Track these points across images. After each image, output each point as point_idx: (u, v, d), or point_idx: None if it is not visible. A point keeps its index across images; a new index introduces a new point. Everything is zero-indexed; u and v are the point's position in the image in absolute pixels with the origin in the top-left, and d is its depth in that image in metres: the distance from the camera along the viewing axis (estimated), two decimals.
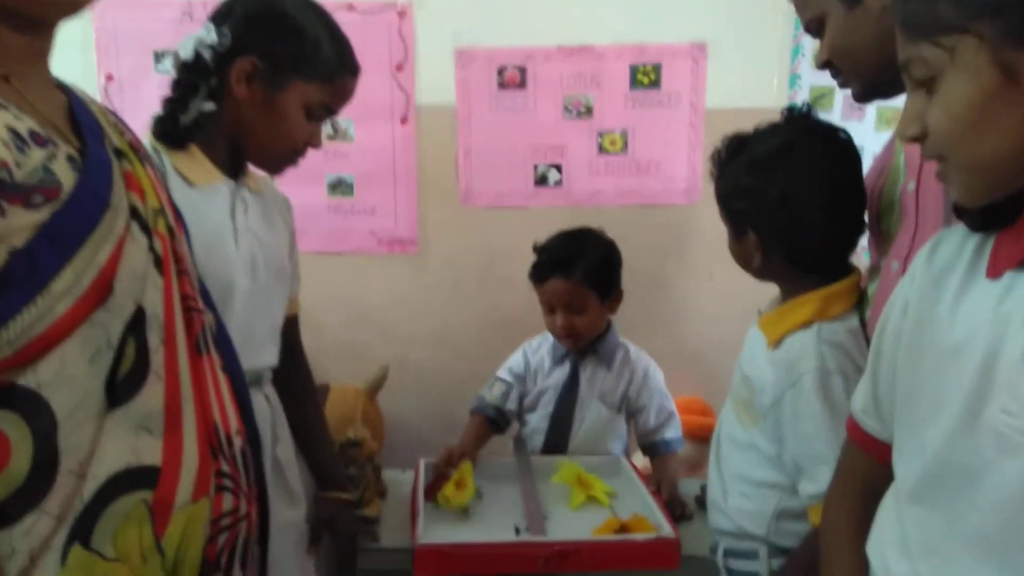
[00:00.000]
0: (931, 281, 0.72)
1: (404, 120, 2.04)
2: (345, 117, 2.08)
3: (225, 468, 0.70)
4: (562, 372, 1.66)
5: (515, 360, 1.73)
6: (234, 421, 0.75)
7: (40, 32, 0.66)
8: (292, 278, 1.27)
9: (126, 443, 0.63)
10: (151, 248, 0.69)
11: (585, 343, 1.63)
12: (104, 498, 0.61)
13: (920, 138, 0.67)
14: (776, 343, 1.05)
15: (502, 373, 1.73)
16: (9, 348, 0.57)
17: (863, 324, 1.06)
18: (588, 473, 1.52)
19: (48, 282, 0.59)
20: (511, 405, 1.68)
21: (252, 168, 1.18)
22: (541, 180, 2.08)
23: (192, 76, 1.06)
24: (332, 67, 1.10)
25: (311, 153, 1.16)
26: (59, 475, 0.59)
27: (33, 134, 0.61)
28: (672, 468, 1.64)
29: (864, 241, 1.15)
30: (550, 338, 1.70)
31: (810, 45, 1.98)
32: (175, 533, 0.64)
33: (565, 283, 1.56)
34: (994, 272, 0.65)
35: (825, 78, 1.09)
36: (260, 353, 1.15)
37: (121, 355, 0.63)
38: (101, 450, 0.61)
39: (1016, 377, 0.60)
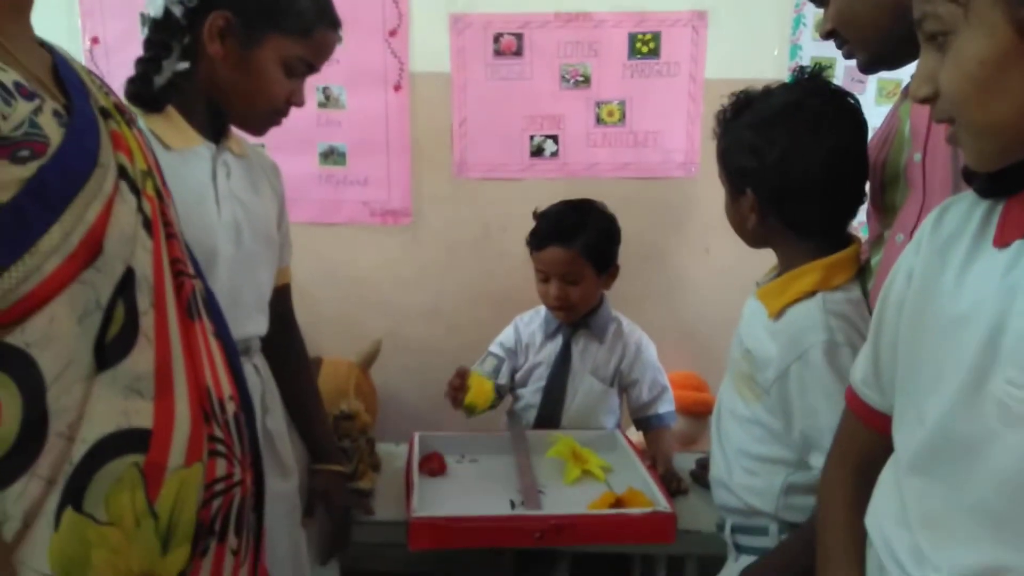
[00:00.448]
0: (936, 250, 0.71)
1: (398, 88, 2.00)
2: (337, 84, 2.05)
3: (218, 433, 0.68)
4: (554, 346, 1.65)
5: (506, 334, 1.71)
6: (227, 387, 0.73)
7: None
8: (282, 246, 1.24)
9: (116, 406, 0.61)
10: (140, 209, 0.66)
11: (577, 316, 1.61)
12: (95, 461, 0.59)
13: (932, 99, 0.65)
14: (777, 314, 1.03)
15: (494, 347, 1.71)
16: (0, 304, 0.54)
17: (865, 296, 1.04)
18: (583, 447, 1.51)
19: (36, 239, 0.57)
20: (503, 379, 1.67)
21: (237, 132, 1.14)
22: (537, 151, 2.04)
23: (163, 35, 1.02)
24: (309, 19, 1.06)
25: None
26: (48, 437, 0.57)
27: (18, 85, 0.58)
28: (666, 442, 1.64)
29: (862, 215, 1.13)
30: (542, 312, 1.68)
31: (811, 15, 1.94)
32: (168, 497, 0.63)
33: (564, 252, 1.54)
34: (1002, 241, 0.63)
35: (826, 49, 1.07)
36: (247, 322, 1.12)
37: (110, 317, 0.61)
38: (90, 412, 0.59)
39: (1022, 348, 0.59)
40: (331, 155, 2.04)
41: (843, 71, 1.92)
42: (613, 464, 1.50)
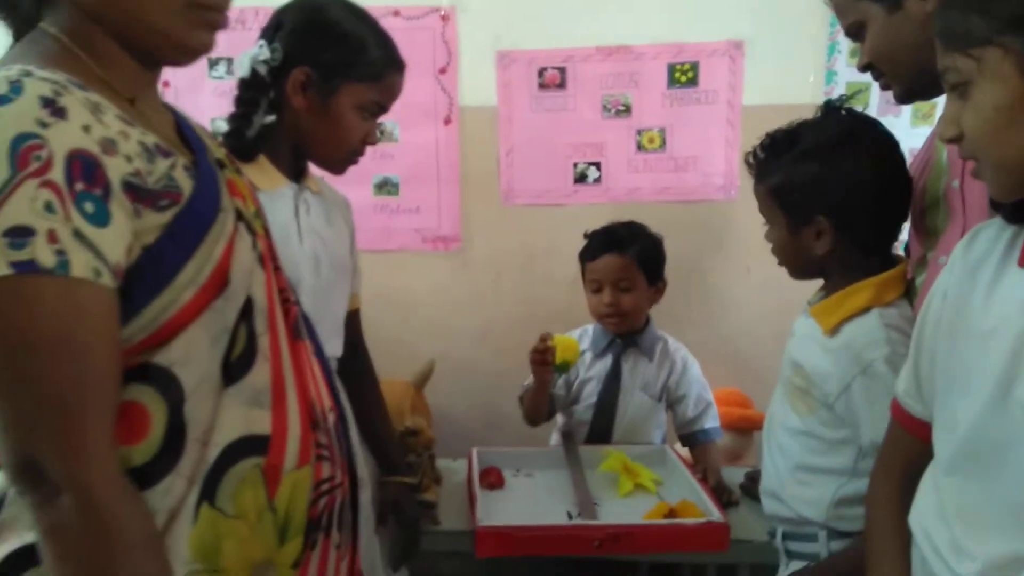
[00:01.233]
0: (967, 271, 0.77)
1: (447, 121, 2.11)
2: (391, 119, 2.15)
3: (323, 440, 0.77)
4: (604, 364, 1.71)
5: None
6: (327, 400, 0.82)
7: (158, 67, 0.74)
8: (353, 274, 1.34)
9: (240, 415, 0.70)
10: (254, 246, 0.76)
11: (626, 326, 1.68)
12: (225, 463, 0.68)
13: (957, 139, 0.72)
14: (833, 330, 1.09)
15: None
16: (144, 332, 0.64)
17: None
18: (634, 462, 1.57)
19: (175, 275, 0.66)
20: (558, 390, 1.74)
21: (312, 169, 1.25)
22: (580, 178, 2.13)
23: (251, 92, 1.13)
24: (379, 66, 1.16)
25: None
26: (187, 442, 0.67)
27: (157, 147, 0.68)
28: (713, 457, 1.69)
29: (903, 235, 1.19)
30: (590, 331, 1.76)
31: (845, 42, 2.00)
32: (284, 494, 0.72)
33: (619, 258, 1.63)
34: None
35: (861, 75, 1.14)
36: (325, 345, 1.21)
37: (235, 339, 0.71)
38: (220, 421, 0.69)
39: None
40: (385, 186, 2.16)
41: (878, 95, 1.98)
42: (664, 477, 1.55)
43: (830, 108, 1.15)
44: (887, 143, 1.11)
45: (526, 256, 2.17)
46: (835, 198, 1.08)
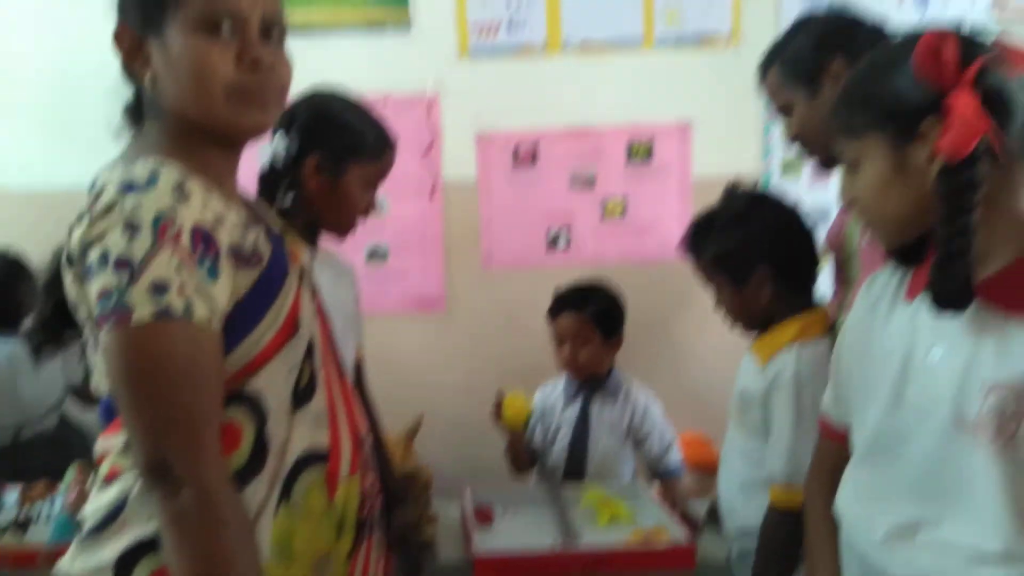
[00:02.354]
0: (869, 307, 0.99)
1: (432, 195, 2.34)
2: (381, 194, 2.37)
3: (365, 455, 0.95)
4: (574, 410, 1.90)
5: (535, 399, 1.97)
6: (363, 425, 1.00)
7: (237, 150, 0.93)
8: (358, 326, 1.53)
9: (307, 432, 0.87)
10: (312, 300, 0.95)
11: (587, 375, 1.88)
12: (296, 471, 0.85)
13: (852, 204, 0.95)
14: (766, 361, 1.31)
15: None
16: (238, 364, 0.82)
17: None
18: (610, 496, 1.75)
19: (259, 320, 0.84)
20: (536, 440, 1.92)
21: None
22: (553, 243, 2.37)
23: (272, 177, 1.34)
24: (378, 146, 1.37)
25: None
26: (269, 454, 0.84)
27: (246, 220, 0.87)
28: (680, 490, 1.87)
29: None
30: (561, 381, 1.95)
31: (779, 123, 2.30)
32: (341, 497, 0.89)
33: (576, 317, 1.84)
34: (910, 296, 0.92)
35: (794, 150, 1.40)
36: None
37: (301, 372, 0.89)
38: (293, 437, 0.86)
39: (923, 369, 0.87)
40: (375, 254, 2.36)
41: (808, 168, 2.27)
42: (637, 508, 1.73)
43: (729, 190, 1.41)
44: (784, 201, 1.38)
45: (505, 315, 2.37)
46: (766, 247, 1.32)
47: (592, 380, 1.90)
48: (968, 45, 0.82)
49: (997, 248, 0.84)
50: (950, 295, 0.82)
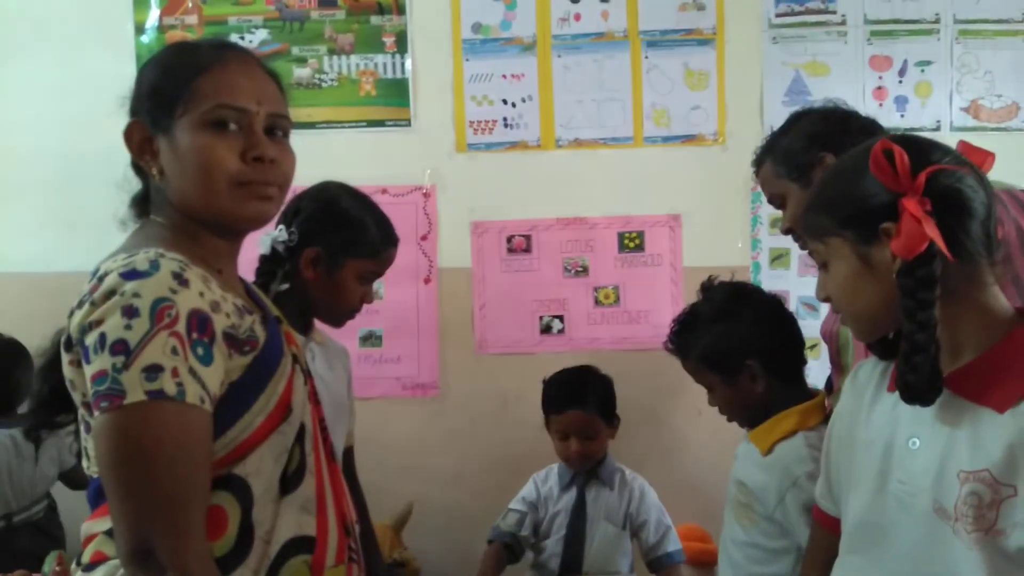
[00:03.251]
0: (856, 396, 1.02)
1: (427, 280, 2.38)
2: (377, 281, 2.42)
3: (353, 544, 0.94)
4: (569, 497, 1.88)
5: (527, 490, 1.94)
6: (352, 513, 0.99)
7: (238, 239, 0.97)
8: (350, 413, 1.53)
9: (294, 519, 0.87)
10: (305, 384, 0.96)
11: (591, 465, 1.85)
12: (281, 558, 0.85)
13: (828, 300, 0.98)
14: (768, 450, 1.30)
15: (515, 504, 1.92)
16: (227, 448, 0.83)
17: None
18: None
19: (251, 404, 0.86)
20: (526, 531, 1.87)
21: (317, 323, 1.47)
22: (546, 329, 2.39)
23: (270, 265, 1.37)
24: (377, 244, 1.41)
25: None
26: (255, 540, 0.83)
27: (244, 307, 0.90)
28: None
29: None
30: (555, 469, 1.93)
31: (766, 214, 2.36)
32: None
33: (582, 414, 1.82)
34: (892, 387, 0.94)
35: (782, 241, 1.44)
36: None
37: (291, 457, 0.89)
38: (279, 523, 0.86)
39: (904, 458, 0.88)
40: (370, 338, 2.38)
41: (796, 259, 2.33)
42: None
43: (706, 286, 1.44)
44: (763, 293, 1.42)
45: (499, 401, 2.37)
46: (753, 341, 1.34)
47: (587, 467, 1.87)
48: (923, 152, 0.87)
49: (968, 340, 0.87)
50: (917, 387, 0.84)
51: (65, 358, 0.84)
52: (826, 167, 1.27)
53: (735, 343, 1.34)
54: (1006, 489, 0.80)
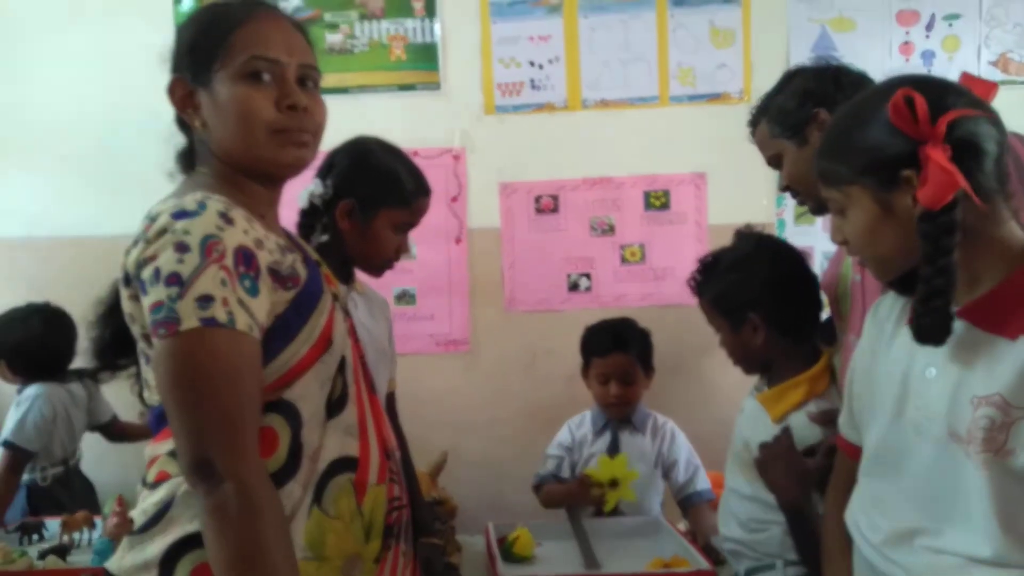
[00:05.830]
0: (877, 330, 1.06)
1: (458, 240, 2.45)
2: (410, 239, 2.50)
3: (393, 468, 1.02)
4: (603, 441, 1.95)
5: (562, 435, 2.02)
6: (392, 440, 1.07)
7: (278, 186, 1.03)
8: (391, 360, 1.61)
9: (338, 441, 0.95)
10: (344, 321, 1.03)
11: (627, 412, 1.93)
12: (328, 476, 0.93)
13: (844, 243, 1.01)
14: (779, 419, 1.35)
15: (552, 449, 2.01)
16: (276, 374, 0.91)
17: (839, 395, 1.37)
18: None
19: (296, 334, 0.93)
20: (565, 473, 1.96)
21: (359, 274, 1.54)
22: (573, 287, 2.45)
23: (309, 219, 1.44)
24: (409, 193, 1.47)
25: None
26: (303, 459, 0.91)
27: (285, 246, 0.97)
28: (708, 517, 1.87)
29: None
30: (588, 415, 2.00)
31: None
32: (369, 503, 0.95)
33: (625, 357, 1.89)
34: (911, 320, 0.98)
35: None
36: None
37: (334, 385, 0.97)
38: (325, 444, 0.93)
39: (921, 386, 0.93)
40: (404, 296, 2.46)
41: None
42: (659, 541, 1.74)
43: (740, 233, 1.47)
44: (787, 250, 1.44)
45: (528, 356, 2.44)
46: (758, 296, 1.37)
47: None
48: (938, 97, 0.88)
49: (985, 273, 0.90)
50: (930, 329, 0.88)
51: (124, 293, 0.91)
52: (821, 123, 1.28)
53: (744, 294, 1.38)
54: (1017, 411, 0.84)
